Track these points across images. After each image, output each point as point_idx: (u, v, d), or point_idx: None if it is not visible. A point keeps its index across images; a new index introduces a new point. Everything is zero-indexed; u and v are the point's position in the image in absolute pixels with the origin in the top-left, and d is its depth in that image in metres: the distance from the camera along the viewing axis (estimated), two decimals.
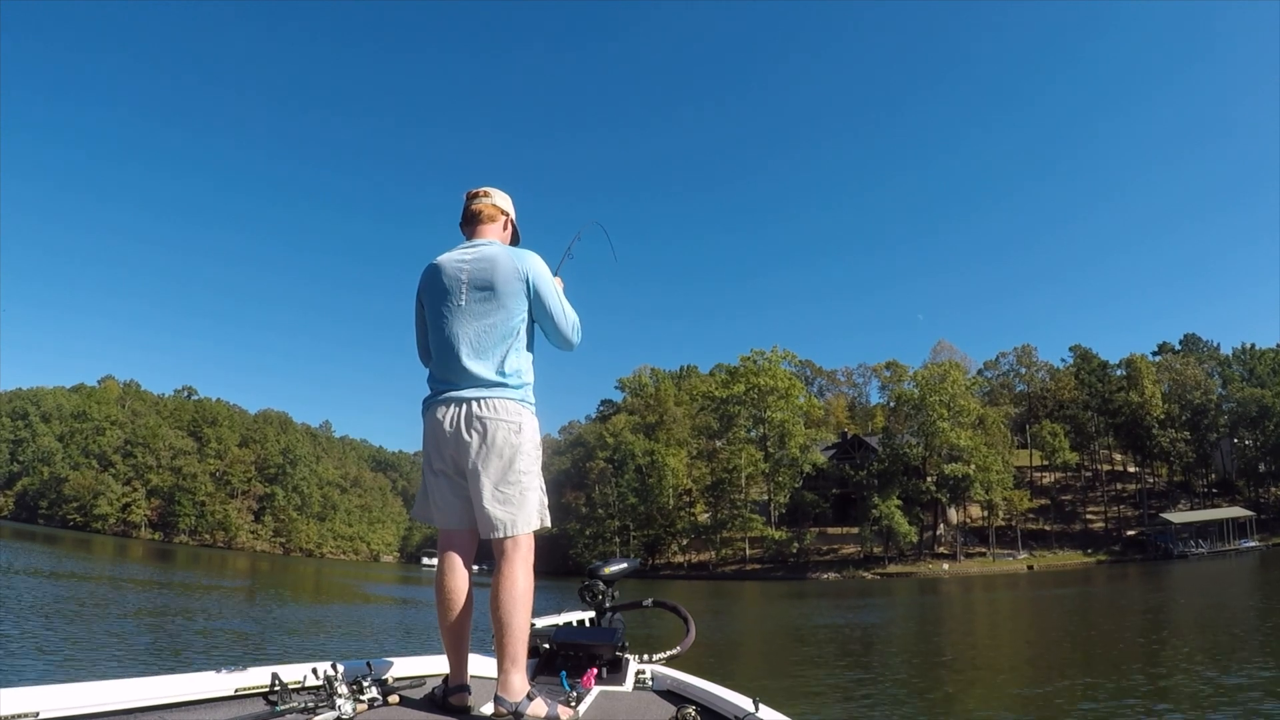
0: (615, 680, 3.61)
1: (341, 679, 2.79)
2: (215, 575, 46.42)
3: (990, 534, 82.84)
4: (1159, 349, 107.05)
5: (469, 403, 3.22)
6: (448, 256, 3.46)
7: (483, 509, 3.14)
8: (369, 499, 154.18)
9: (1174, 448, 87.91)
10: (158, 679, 2.66)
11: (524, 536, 3.15)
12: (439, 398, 3.28)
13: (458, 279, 3.36)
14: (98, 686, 2.46)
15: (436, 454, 3.27)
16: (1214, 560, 65.41)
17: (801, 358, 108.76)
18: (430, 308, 3.39)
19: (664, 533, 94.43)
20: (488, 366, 3.26)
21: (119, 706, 2.47)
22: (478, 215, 3.63)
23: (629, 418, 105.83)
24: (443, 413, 3.24)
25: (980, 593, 44.87)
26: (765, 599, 45.28)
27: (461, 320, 3.31)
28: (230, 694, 2.79)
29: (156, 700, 2.58)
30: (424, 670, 3.52)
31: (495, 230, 3.63)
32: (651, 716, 3.09)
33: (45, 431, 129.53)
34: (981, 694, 12.44)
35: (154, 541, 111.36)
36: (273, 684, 2.76)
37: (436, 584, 3.21)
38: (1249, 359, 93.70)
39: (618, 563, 4.35)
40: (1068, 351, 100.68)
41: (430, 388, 3.36)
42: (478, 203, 3.65)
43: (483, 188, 3.70)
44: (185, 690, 2.68)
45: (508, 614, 3.03)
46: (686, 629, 4.39)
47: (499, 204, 3.68)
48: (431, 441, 3.28)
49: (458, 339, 3.30)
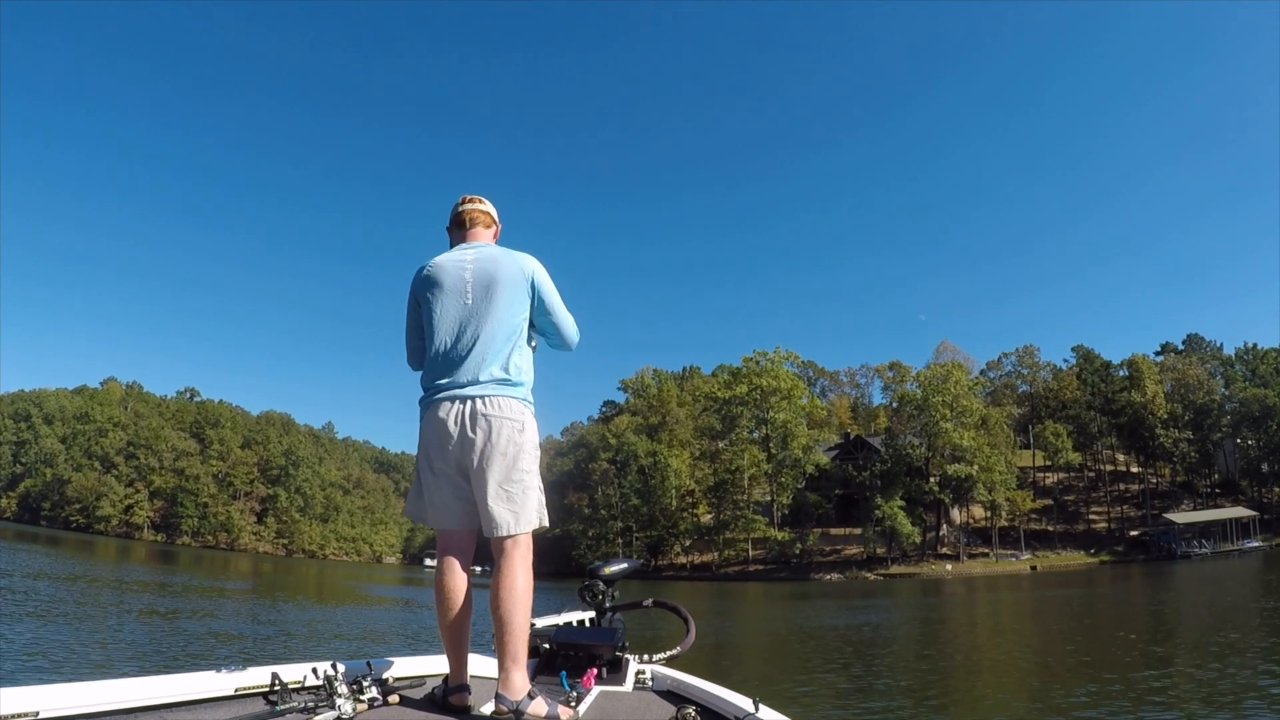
0: (615, 680, 3.61)
1: (341, 679, 2.78)
2: (218, 577, 46.41)
3: (993, 534, 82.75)
4: (1161, 349, 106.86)
5: (473, 400, 3.20)
6: (447, 257, 3.44)
7: (486, 508, 3.13)
8: (371, 500, 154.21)
9: (1177, 448, 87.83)
10: (157, 678, 2.64)
11: (524, 535, 3.15)
12: (440, 395, 3.25)
13: (461, 277, 3.35)
14: (97, 686, 2.44)
15: (438, 453, 3.23)
16: (1218, 561, 65.24)
17: (804, 358, 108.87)
18: (430, 306, 3.36)
19: (667, 534, 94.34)
20: (492, 365, 3.25)
21: (118, 706, 2.45)
22: (474, 220, 3.63)
23: (631, 419, 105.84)
24: (445, 410, 3.21)
25: (983, 593, 44.79)
26: (768, 600, 45.22)
27: (465, 318, 3.29)
28: (230, 693, 2.78)
29: (156, 700, 2.57)
30: (424, 670, 3.51)
31: (488, 236, 3.65)
32: (651, 716, 3.08)
33: (48, 433, 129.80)
34: (986, 697, 12.41)
35: (156, 543, 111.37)
36: (273, 684, 2.75)
37: (436, 584, 3.20)
38: (1252, 359, 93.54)
39: (618, 563, 4.35)
40: (1070, 352, 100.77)
41: (428, 386, 3.32)
42: (474, 207, 3.66)
43: (475, 195, 3.72)
44: (185, 690, 2.67)
45: (508, 612, 3.02)
46: (686, 629, 4.39)
47: (491, 211, 3.70)
48: (433, 440, 3.24)
49: (462, 337, 3.28)
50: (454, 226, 3.67)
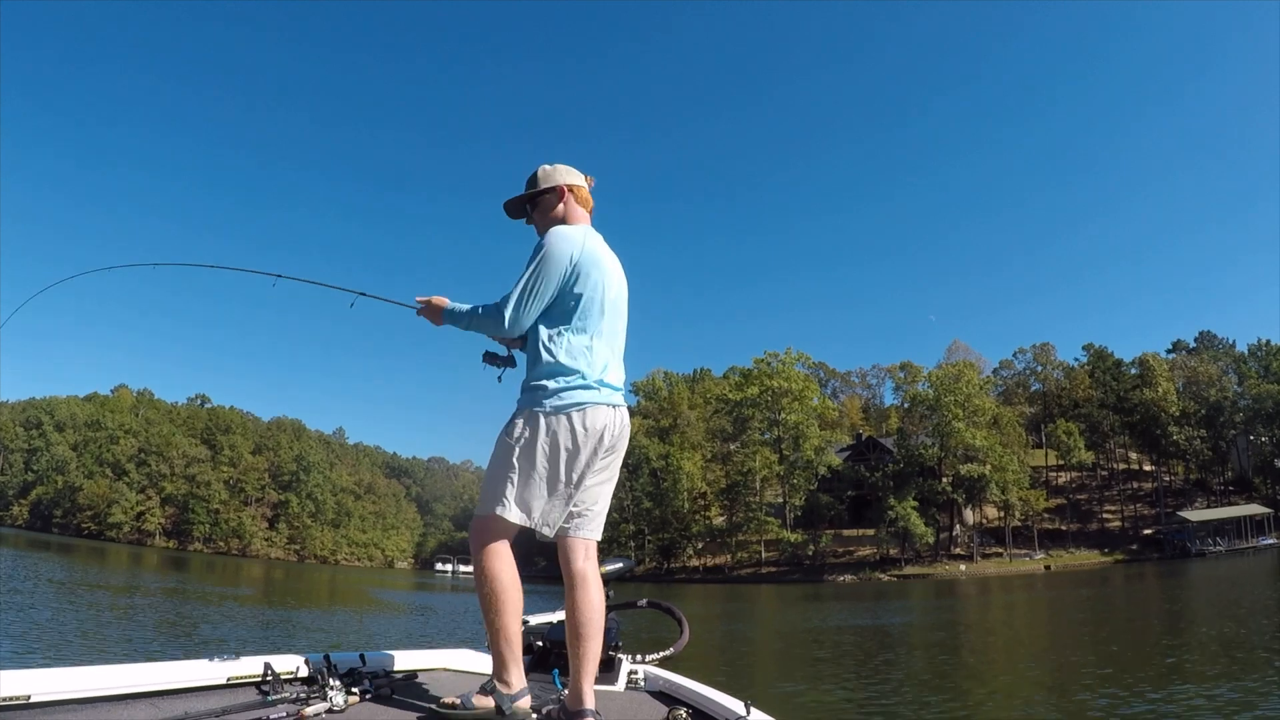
0: (608, 680, 3.58)
1: (334, 671, 2.79)
2: (230, 583, 46.55)
3: (1007, 534, 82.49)
4: (1173, 346, 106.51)
5: (621, 410, 3.09)
6: (599, 240, 3.23)
7: (600, 515, 3.12)
8: (383, 505, 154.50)
9: (1190, 445, 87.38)
10: (150, 665, 2.64)
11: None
12: (600, 400, 3.02)
13: (617, 270, 3.23)
14: (90, 671, 2.44)
15: (587, 460, 2.99)
16: (1233, 558, 65.02)
17: (815, 359, 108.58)
18: (593, 286, 3.07)
19: (679, 536, 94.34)
20: (622, 374, 3.20)
21: (111, 692, 2.44)
22: (590, 207, 3.42)
23: (643, 421, 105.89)
24: (606, 417, 3.01)
25: (998, 594, 44.66)
26: (781, 602, 45.17)
27: (614, 316, 3.17)
28: (223, 682, 2.76)
29: (149, 687, 2.56)
30: (416, 664, 3.49)
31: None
32: (643, 717, 3.11)
33: (59, 441, 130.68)
34: (1002, 703, 12.25)
35: (168, 550, 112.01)
36: (265, 674, 2.76)
37: (505, 582, 2.93)
38: (1265, 355, 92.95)
39: (612, 563, 4.33)
40: (1081, 351, 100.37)
41: (582, 384, 3.00)
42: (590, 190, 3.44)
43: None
44: (178, 677, 2.66)
45: (599, 626, 2.97)
46: (680, 630, 4.38)
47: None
48: (585, 446, 2.97)
49: (615, 337, 3.17)
50: (579, 201, 3.35)
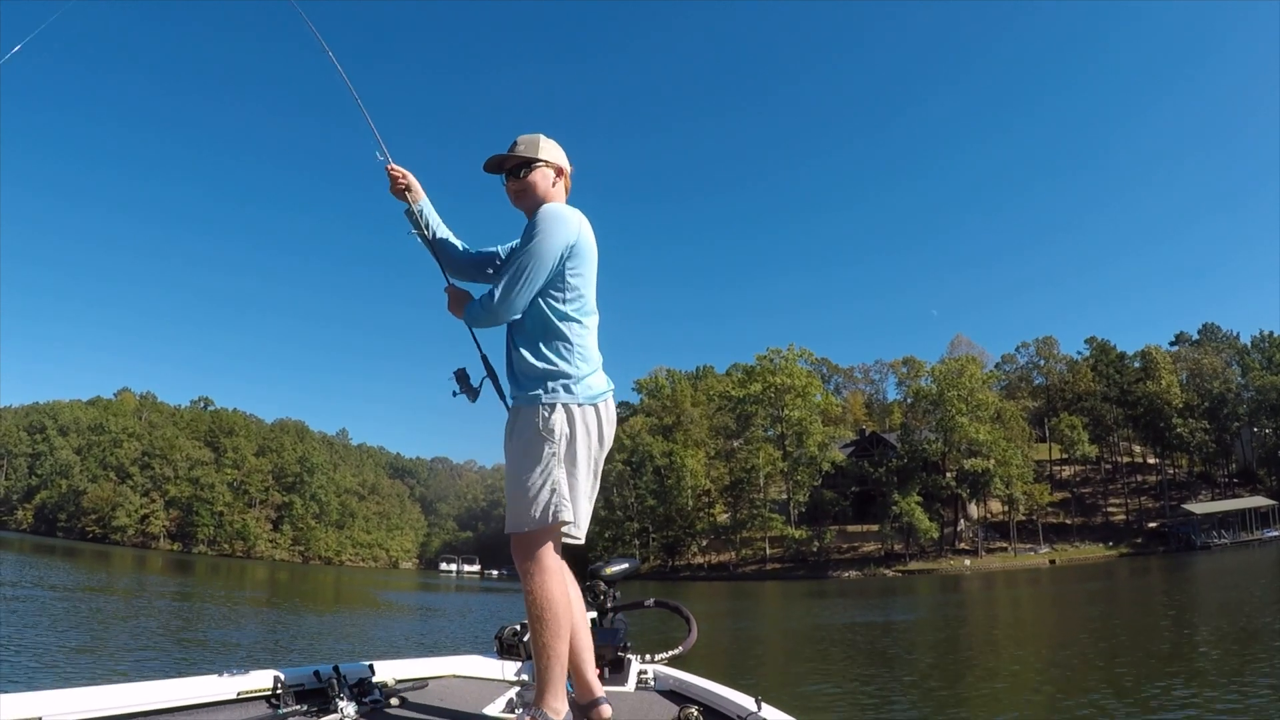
0: (618, 680, 3.60)
1: (344, 681, 2.78)
2: (235, 586, 46.56)
3: (1011, 529, 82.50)
4: (1176, 339, 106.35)
5: (611, 400, 3.00)
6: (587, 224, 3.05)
7: (589, 512, 2.94)
8: (387, 506, 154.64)
9: (1194, 438, 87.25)
10: (160, 683, 2.64)
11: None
12: (607, 391, 2.95)
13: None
14: (100, 691, 2.44)
15: (599, 453, 2.92)
16: (1238, 551, 64.99)
17: (818, 355, 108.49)
18: (588, 273, 2.96)
19: (683, 534, 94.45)
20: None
21: (122, 711, 2.44)
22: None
23: (646, 419, 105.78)
24: (609, 408, 2.94)
25: (1003, 589, 44.65)
26: (786, 599, 45.18)
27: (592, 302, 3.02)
28: (233, 697, 2.75)
29: (159, 704, 2.55)
30: (426, 672, 3.49)
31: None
32: (654, 716, 3.11)
33: (63, 445, 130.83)
34: (1011, 698, 12.21)
35: (173, 552, 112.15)
36: (275, 687, 2.75)
37: (563, 605, 2.73)
38: (1268, 347, 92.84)
39: (618, 563, 4.37)
40: (1084, 344, 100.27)
41: (592, 375, 2.91)
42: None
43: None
44: (187, 694, 2.66)
45: (569, 612, 2.84)
46: (689, 629, 4.39)
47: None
48: (604, 437, 2.92)
49: (596, 326, 3.02)
50: (563, 176, 3.22)
